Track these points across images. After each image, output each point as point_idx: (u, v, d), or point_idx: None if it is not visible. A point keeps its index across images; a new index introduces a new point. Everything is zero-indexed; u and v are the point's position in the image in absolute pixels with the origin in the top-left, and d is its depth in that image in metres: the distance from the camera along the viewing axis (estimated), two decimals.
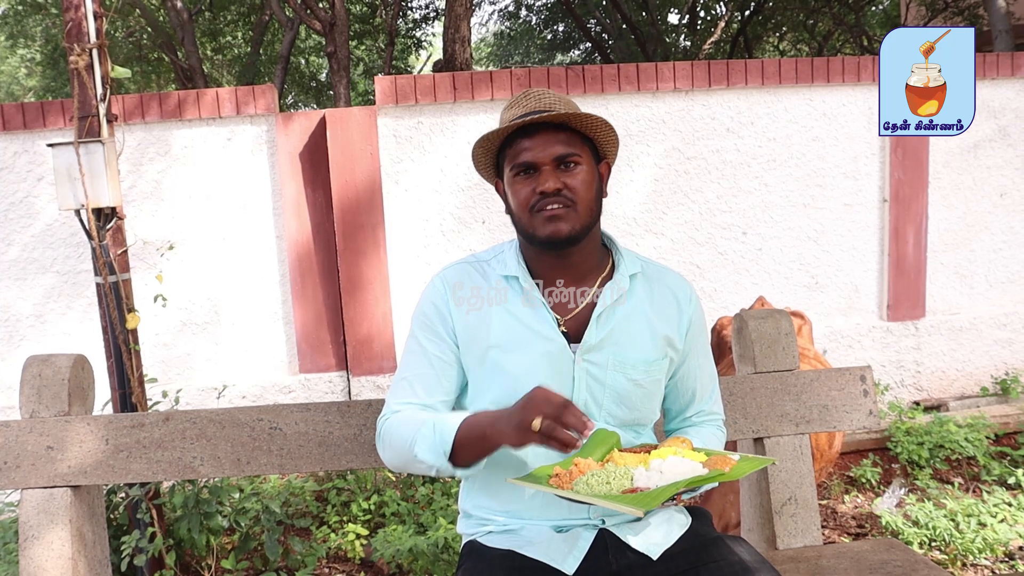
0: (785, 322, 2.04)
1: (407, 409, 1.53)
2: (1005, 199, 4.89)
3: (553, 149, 1.46)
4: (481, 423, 1.39)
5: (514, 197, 1.50)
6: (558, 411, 1.27)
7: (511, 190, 1.51)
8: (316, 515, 3.63)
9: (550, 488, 1.33)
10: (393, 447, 1.51)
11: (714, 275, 4.63)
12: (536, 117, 1.45)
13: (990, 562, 3.05)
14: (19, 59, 16.86)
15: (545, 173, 1.46)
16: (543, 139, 1.46)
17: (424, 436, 1.43)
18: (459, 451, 1.41)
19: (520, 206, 1.49)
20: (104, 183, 2.71)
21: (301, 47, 14.05)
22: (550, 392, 1.32)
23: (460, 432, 1.40)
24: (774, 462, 1.36)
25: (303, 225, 4.31)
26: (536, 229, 1.47)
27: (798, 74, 4.53)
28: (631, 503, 1.23)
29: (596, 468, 1.36)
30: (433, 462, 1.42)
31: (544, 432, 1.27)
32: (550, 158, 1.46)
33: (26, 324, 4.19)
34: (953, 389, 4.90)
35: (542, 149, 1.46)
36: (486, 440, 1.37)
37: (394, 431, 1.50)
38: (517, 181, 1.49)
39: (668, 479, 1.30)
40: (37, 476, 1.81)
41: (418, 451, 1.43)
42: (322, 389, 4.38)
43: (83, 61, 2.70)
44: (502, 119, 1.55)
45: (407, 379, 1.55)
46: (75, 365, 1.88)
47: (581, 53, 16.91)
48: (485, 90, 4.27)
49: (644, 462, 1.37)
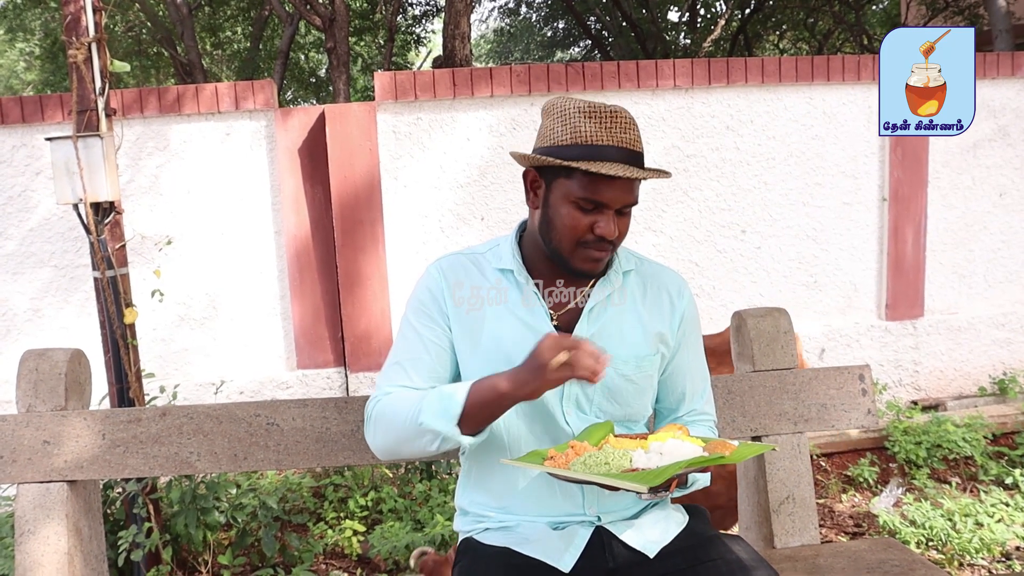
0: (784, 320, 2.04)
1: (401, 391, 1.51)
2: (1004, 199, 4.89)
3: (626, 198, 1.42)
4: (494, 381, 1.38)
5: (563, 219, 1.43)
6: (576, 344, 1.29)
7: (561, 208, 1.43)
8: (313, 511, 3.63)
9: (547, 468, 1.31)
10: (389, 425, 1.47)
11: (713, 273, 4.63)
12: (637, 174, 1.38)
13: (987, 562, 3.06)
14: (18, 53, 16.81)
15: (608, 217, 1.42)
16: (623, 185, 1.41)
17: (430, 403, 1.41)
18: (468, 415, 1.38)
19: (568, 231, 1.43)
20: (102, 177, 2.71)
21: (301, 43, 14.02)
22: (557, 335, 1.33)
23: (471, 394, 1.39)
24: (774, 448, 1.35)
25: (302, 221, 4.30)
26: (574, 261, 1.45)
27: (798, 73, 4.52)
28: (636, 479, 1.21)
29: (593, 451, 1.35)
30: (441, 428, 1.39)
31: (571, 362, 1.28)
32: (620, 204, 1.42)
33: (23, 318, 4.18)
34: (951, 389, 4.90)
35: (619, 196, 1.41)
36: (502, 397, 1.36)
37: (391, 408, 1.47)
38: (575, 207, 1.42)
39: (669, 461, 1.29)
40: (33, 471, 1.81)
41: (424, 419, 1.40)
42: (320, 385, 4.38)
43: (82, 55, 2.69)
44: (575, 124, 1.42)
45: (400, 363, 1.53)
46: (72, 359, 1.87)
47: (581, 50, 16.91)
48: (485, 87, 4.26)
49: (643, 445, 1.35)
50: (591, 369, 1.28)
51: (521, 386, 1.34)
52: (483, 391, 1.38)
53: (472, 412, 1.38)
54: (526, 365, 1.34)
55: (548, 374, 1.30)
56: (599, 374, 1.29)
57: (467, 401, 1.38)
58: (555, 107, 1.47)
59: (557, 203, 1.44)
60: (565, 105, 1.45)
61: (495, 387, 1.37)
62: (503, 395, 1.36)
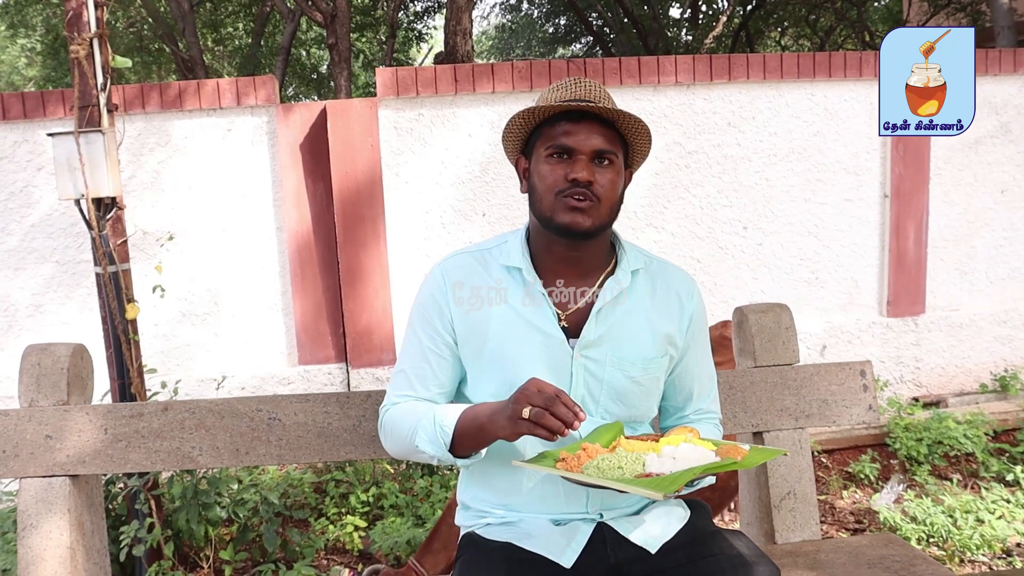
0: (786, 316, 2.04)
1: (405, 401, 1.55)
2: (1006, 195, 4.89)
3: (594, 141, 1.44)
4: (478, 415, 1.41)
5: (541, 177, 1.47)
6: (548, 401, 1.29)
7: (539, 169, 1.48)
8: (314, 507, 3.63)
9: (561, 471, 1.32)
10: (395, 437, 1.54)
11: (714, 269, 4.63)
12: (588, 106, 1.43)
13: (988, 558, 3.06)
14: (20, 49, 16.81)
15: (580, 162, 1.44)
16: (587, 128, 1.45)
17: (424, 428, 1.46)
18: (459, 442, 1.43)
19: (547, 187, 1.46)
20: (104, 173, 2.71)
21: (302, 39, 14.00)
22: (543, 382, 1.33)
23: (459, 425, 1.43)
24: (785, 453, 1.36)
25: (303, 216, 4.30)
26: (556, 214, 1.45)
27: (800, 69, 4.51)
28: (650, 486, 1.22)
29: (605, 453, 1.35)
30: (434, 453, 1.45)
31: (532, 419, 1.29)
32: (589, 149, 1.44)
33: (25, 314, 4.18)
34: (952, 385, 4.90)
35: (585, 137, 1.44)
36: (483, 432, 1.40)
37: (395, 422, 1.53)
38: (550, 162, 1.46)
39: (682, 465, 1.30)
40: (36, 465, 1.81)
41: (419, 442, 1.46)
42: (321, 381, 4.38)
43: (83, 51, 2.69)
44: (544, 98, 1.52)
45: (404, 372, 1.57)
46: (74, 354, 1.87)
47: (583, 47, 16.88)
48: (486, 83, 4.25)
49: (654, 448, 1.36)
50: (553, 429, 1.28)
51: (498, 429, 1.37)
52: (469, 423, 1.43)
53: (461, 441, 1.43)
54: (504, 410, 1.35)
55: (519, 426, 1.31)
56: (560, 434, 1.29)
57: (455, 431, 1.43)
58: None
59: (538, 170, 1.49)
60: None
61: (476, 419, 1.41)
62: (483, 430, 1.40)
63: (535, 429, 1.29)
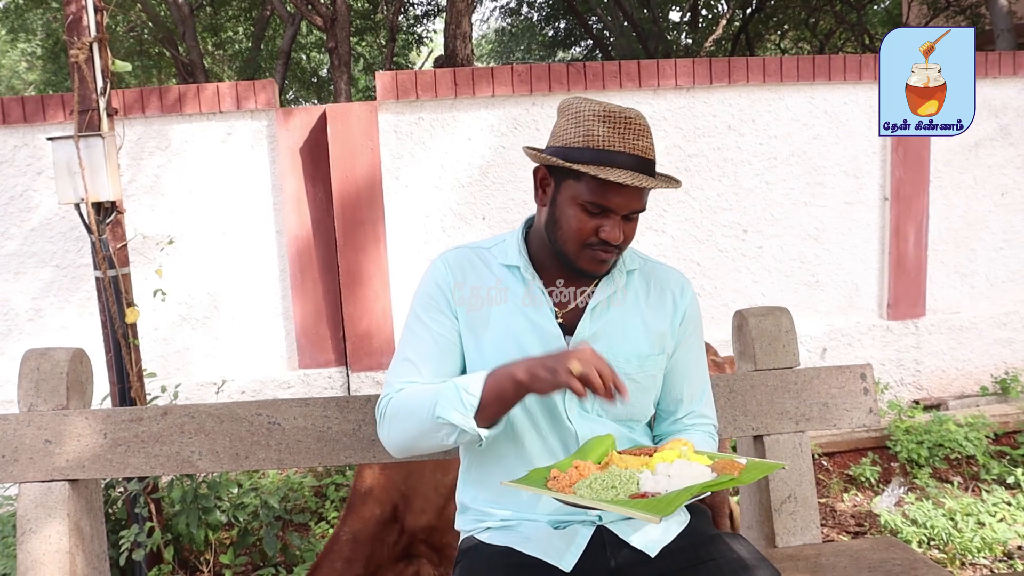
0: (786, 319, 2.04)
1: (412, 387, 1.50)
2: (1006, 198, 4.89)
3: (634, 205, 1.42)
4: (511, 369, 1.37)
5: (567, 219, 1.44)
6: (604, 365, 1.30)
7: (568, 209, 1.44)
8: (315, 511, 3.63)
9: (552, 492, 1.29)
10: (405, 421, 1.47)
11: (714, 273, 4.63)
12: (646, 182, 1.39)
13: (989, 561, 3.05)
14: (20, 53, 16.83)
15: (615, 222, 1.42)
16: (631, 192, 1.41)
17: (446, 396, 1.40)
18: (484, 406, 1.38)
19: (573, 233, 1.44)
20: (104, 177, 2.71)
21: (302, 43, 14.02)
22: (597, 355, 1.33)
23: (487, 384, 1.38)
24: (784, 467, 1.34)
25: (303, 220, 4.30)
26: (579, 261, 1.46)
27: (799, 72, 4.52)
28: (646, 509, 1.18)
29: (596, 471, 1.32)
30: (457, 421, 1.38)
31: (580, 376, 1.28)
32: (627, 211, 1.42)
33: (24, 318, 4.18)
34: (953, 388, 4.89)
35: (626, 202, 1.41)
36: (518, 386, 1.36)
37: (405, 404, 1.47)
38: (581, 209, 1.42)
39: (677, 484, 1.27)
40: (35, 470, 1.81)
41: (440, 412, 1.39)
42: (321, 384, 4.38)
43: (83, 55, 2.70)
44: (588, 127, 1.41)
45: (409, 359, 1.52)
46: (74, 359, 1.87)
47: (582, 50, 16.89)
48: (486, 86, 4.26)
49: (648, 464, 1.33)
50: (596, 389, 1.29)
51: (534, 380, 1.34)
52: (500, 380, 1.37)
53: (488, 402, 1.38)
54: (551, 358, 1.34)
55: (564, 378, 1.30)
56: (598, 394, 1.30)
57: (484, 392, 1.38)
58: (570, 107, 1.46)
59: (565, 204, 1.44)
60: (580, 106, 1.44)
61: (512, 375, 1.36)
62: (519, 384, 1.36)
63: (574, 383, 1.29)
